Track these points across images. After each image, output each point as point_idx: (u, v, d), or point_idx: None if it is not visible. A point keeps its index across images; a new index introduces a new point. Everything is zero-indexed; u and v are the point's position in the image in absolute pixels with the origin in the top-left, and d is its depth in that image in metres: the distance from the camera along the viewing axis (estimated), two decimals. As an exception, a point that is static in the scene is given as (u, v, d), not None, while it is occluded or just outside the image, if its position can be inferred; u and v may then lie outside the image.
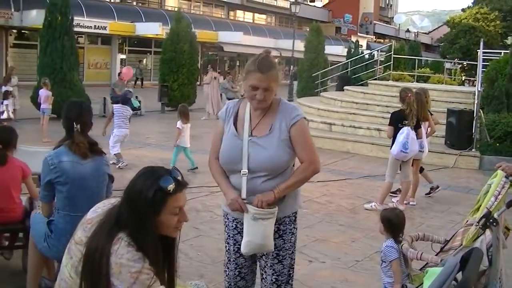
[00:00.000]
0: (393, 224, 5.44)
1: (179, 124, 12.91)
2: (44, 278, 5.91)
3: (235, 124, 4.39)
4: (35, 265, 5.53)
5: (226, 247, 4.59)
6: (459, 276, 3.32)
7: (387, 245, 5.32)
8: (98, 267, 3.02)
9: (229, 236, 4.52)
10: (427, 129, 11.14)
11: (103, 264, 3.01)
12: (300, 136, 4.35)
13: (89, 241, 3.15)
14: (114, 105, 14.03)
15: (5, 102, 18.12)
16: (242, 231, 4.34)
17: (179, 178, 3.16)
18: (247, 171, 4.22)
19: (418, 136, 10.33)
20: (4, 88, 18.82)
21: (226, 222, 4.55)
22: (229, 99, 29.96)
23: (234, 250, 4.50)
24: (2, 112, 18.23)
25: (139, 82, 45.29)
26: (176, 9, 43.22)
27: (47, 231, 5.12)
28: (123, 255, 2.99)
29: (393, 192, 11.08)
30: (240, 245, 4.37)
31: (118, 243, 3.03)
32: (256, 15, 69.24)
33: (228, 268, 4.59)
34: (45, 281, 5.95)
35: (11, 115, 18.11)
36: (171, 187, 3.08)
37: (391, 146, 10.23)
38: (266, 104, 4.27)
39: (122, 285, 2.98)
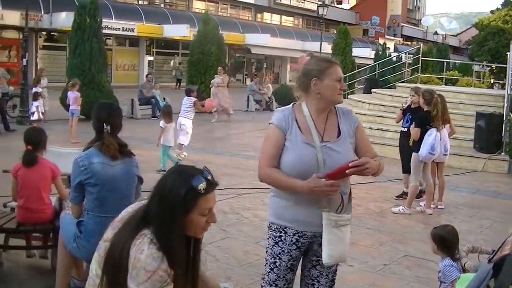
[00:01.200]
0: (447, 242, 5.21)
1: (162, 123, 13.14)
2: (73, 278, 5.95)
3: (300, 131, 4.19)
4: (65, 265, 5.57)
5: (275, 262, 4.29)
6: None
7: (446, 265, 5.09)
8: (119, 260, 3.03)
9: (283, 251, 4.23)
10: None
11: (123, 258, 3.02)
12: (363, 138, 4.39)
13: (114, 236, 3.17)
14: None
15: (35, 103, 18.23)
16: (303, 246, 4.22)
17: (210, 178, 3.12)
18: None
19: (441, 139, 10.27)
20: (34, 90, 18.94)
21: (281, 236, 4.23)
22: (256, 101, 30.01)
23: (286, 266, 4.26)
24: (32, 113, 18.35)
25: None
26: (203, 11, 43.35)
27: (77, 232, 5.15)
28: (143, 250, 2.98)
29: (398, 196, 11.09)
30: (295, 260, 4.27)
31: (141, 238, 3.03)
32: (283, 17, 69.21)
33: (276, 285, 4.31)
34: (74, 281, 5.99)
35: (41, 116, 18.22)
36: (202, 187, 3.05)
37: (418, 149, 10.12)
38: None
39: (133, 281, 2.98)
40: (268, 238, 4.37)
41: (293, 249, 4.22)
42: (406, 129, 11.02)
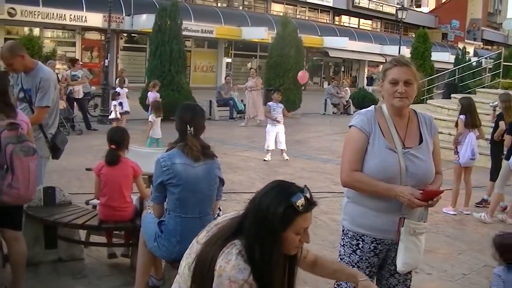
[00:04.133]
0: None
1: (151, 117, 14.23)
2: (152, 276, 6.04)
3: (383, 136, 4.08)
4: (144, 264, 5.64)
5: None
6: None
7: None
8: (208, 270, 3.01)
9: (361, 259, 4.18)
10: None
11: (211, 268, 2.99)
12: (437, 150, 4.24)
13: (205, 244, 3.15)
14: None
15: (114, 102, 18.59)
16: (380, 253, 4.16)
17: (309, 197, 3.03)
18: (407, 185, 3.96)
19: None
20: (118, 90, 19.17)
21: (358, 244, 4.18)
22: (333, 104, 29.90)
23: (365, 273, 4.08)
24: (111, 112, 18.70)
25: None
26: (281, 13, 43.38)
27: (158, 231, 5.21)
28: (230, 260, 2.94)
29: (478, 203, 10.92)
30: (373, 267, 4.21)
31: (230, 247, 3.00)
32: (362, 20, 68.71)
33: None
34: (153, 280, 6.08)
35: (118, 115, 18.51)
36: (301, 204, 2.97)
37: (508, 156, 9.90)
38: (408, 101, 4.04)
39: None
40: (343, 246, 4.30)
41: (371, 256, 4.17)
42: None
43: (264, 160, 14.57)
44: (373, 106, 4.27)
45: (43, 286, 6.23)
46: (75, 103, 19.49)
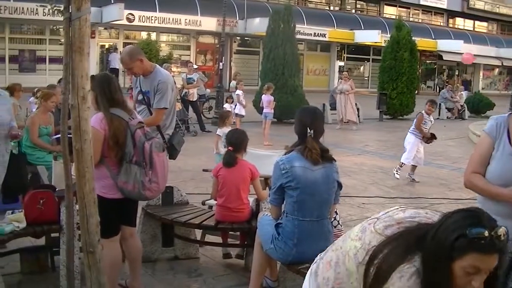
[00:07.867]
0: None
1: (218, 131, 10.76)
2: (267, 277, 6.08)
3: (509, 142, 4.01)
4: (260, 265, 5.67)
5: None
6: None
7: None
8: (385, 274, 2.79)
9: None
10: None
11: (387, 277, 2.76)
12: None
13: (380, 245, 2.91)
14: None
15: (225, 106, 18.83)
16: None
17: (495, 237, 2.58)
18: None
19: None
20: (237, 93, 19.30)
21: None
22: (448, 109, 29.26)
23: None
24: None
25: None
26: (394, 16, 42.76)
27: (275, 234, 5.22)
28: (402, 277, 2.71)
29: None
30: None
31: (409, 264, 2.75)
32: (477, 22, 66.78)
33: None
34: (267, 281, 6.11)
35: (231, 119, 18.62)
36: (479, 240, 2.57)
37: None
38: None
39: None
40: None
41: None
42: None
43: (397, 176, 12.63)
44: (509, 112, 4.19)
45: (160, 283, 6.39)
46: (189, 105, 19.91)
